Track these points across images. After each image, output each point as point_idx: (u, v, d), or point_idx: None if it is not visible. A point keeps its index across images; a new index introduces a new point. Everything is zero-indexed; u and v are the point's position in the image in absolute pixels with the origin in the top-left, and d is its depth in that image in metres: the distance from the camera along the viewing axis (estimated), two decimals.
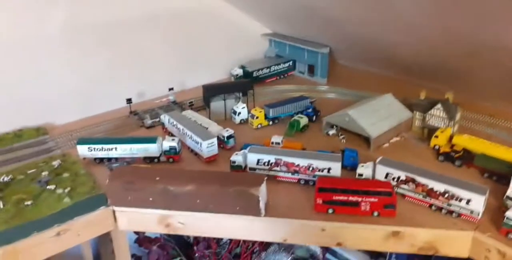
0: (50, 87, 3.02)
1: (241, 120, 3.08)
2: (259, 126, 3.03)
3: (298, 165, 2.31)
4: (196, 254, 3.29)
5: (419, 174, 2.13)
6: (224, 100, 3.13)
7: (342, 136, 2.84)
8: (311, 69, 3.77)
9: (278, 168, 2.34)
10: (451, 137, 2.68)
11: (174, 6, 3.37)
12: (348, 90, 3.50)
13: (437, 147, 2.66)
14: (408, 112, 2.97)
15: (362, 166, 2.29)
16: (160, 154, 2.54)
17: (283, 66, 3.85)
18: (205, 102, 3.18)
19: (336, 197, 2.06)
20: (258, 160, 2.36)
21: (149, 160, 2.54)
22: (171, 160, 2.55)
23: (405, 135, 2.91)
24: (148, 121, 3.02)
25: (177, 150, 2.52)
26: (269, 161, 2.35)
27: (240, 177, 2.20)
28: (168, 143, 2.53)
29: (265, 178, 2.12)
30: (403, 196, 2.19)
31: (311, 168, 2.29)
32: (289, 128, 2.94)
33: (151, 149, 2.50)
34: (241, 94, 3.19)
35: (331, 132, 2.91)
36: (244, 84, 3.31)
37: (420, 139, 2.85)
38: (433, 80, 3.16)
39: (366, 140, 2.71)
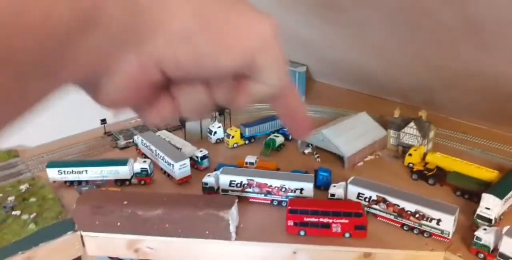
0: None
1: (217, 140, 3.07)
2: (235, 145, 3.02)
3: (270, 186, 2.29)
4: None
5: (390, 194, 2.12)
6: (200, 119, 3.10)
7: (316, 155, 2.83)
8: None
9: (250, 189, 2.32)
10: (425, 155, 2.68)
11: None
12: (325, 108, 3.52)
13: (411, 165, 2.66)
14: (383, 130, 2.98)
15: (334, 186, 2.28)
16: (132, 177, 2.50)
17: None
18: (181, 122, 3.16)
19: (307, 219, 2.04)
20: (231, 182, 2.33)
21: (120, 182, 2.50)
22: (142, 182, 2.51)
23: (380, 153, 2.91)
24: (122, 142, 2.98)
25: (149, 172, 2.49)
26: (241, 182, 2.32)
27: (210, 200, 2.17)
28: (139, 165, 2.49)
29: (236, 200, 2.09)
30: (375, 216, 2.17)
31: (283, 189, 2.27)
32: (265, 147, 2.93)
33: (122, 171, 2.46)
34: (217, 113, 3.18)
35: (307, 150, 2.91)
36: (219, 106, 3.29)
37: (395, 157, 2.86)
38: (408, 97, 3.20)
39: (341, 158, 2.71)
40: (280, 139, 3.12)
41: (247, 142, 3.21)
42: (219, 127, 3.19)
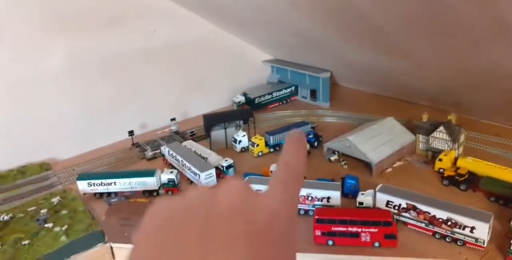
0: (53, 122, 3.06)
1: (242, 148, 3.07)
2: (260, 153, 3.01)
3: None
4: None
5: (421, 201, 2.06)
6: (225, 128, 3.12)
7: (343, 162, 2.79)
8: (314, 94, 3.76)
9: None
10: (455, 160, 2.60)
11: (174, 39, 3.41)
12: (350, 113, 3.47)
13: (441, 170, 2.59)
14: (411, 135, 2.92)
15: (362, 194, 2.24)
16: (159, 187, 2.53)
17: (285, 92, 3.84)
18: (206, 132, 3.18)
19: (335, 228, 2.00)
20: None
21: (148, 193, 2.53)
22: (170, 192, 2.53)
23: (409, 159, 2.84)
24: (149, 153, 3.02)
25: (176, 182, 2.51)
26: None
27: None
28: (166, 176, 2.52)
29: None
30: (406, 224, 2.12)
31: (310, 198, 2.25)
32: None
33: (149, 182, 2.49)
34: (241, 122, 3.18)
35: (333, 157, 2.87)
36: (244, 112, 3.31)
37: (425, 163, 2.78)
38: (437, 101, 3.12)
39: (368, 165, 2.66)
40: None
41: (272, 150, 3.20)
42: (244, 135, 3.19)
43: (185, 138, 3.17)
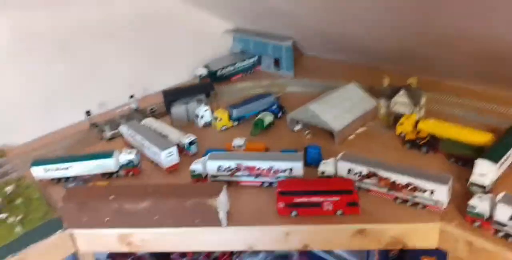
0: (4, 105, 2.88)
1: (204, 123, 2.98)
2: (224, 128, 2.94)
3: (259, 168, 2.22)
4: None
5: (381, 167, 2.05)
6: (186, 104, 3.02)
7: (307, 132, 2.75)
8: (277, 63, 3.66)
9: (240, 173, 2.25)
10: (416, 123, 2.59)
11: (130, 11, 3.21)
12: (313, 81, 3.41)
13: (403, 134, 2.58)
14: (373, 100, 2.89)
15: (324, 163, 2.20)
16: (119, 169, 2.43)
17: (247, 62, 3.74)
18: (167, 108, 3.07)
19: (298, 200, 1.97)
20: (219, 167, 2.26)
21: (108, 175, 2.44)
22: (130, 173, 2.45)
23: (371, 124, 2.82)
24: (108, 133, 2.91)
25: (135, 163, 2.42)
26: (229, 166, 2.25)
27: (198, 188, 2.11)
28: (125, 157, 2.43)
29: (225, 186, 2.03)
30: (368, 191, 2.11)
31: (273, 170, 2.21)
32: (254, 128, 2.85)
33: (108, 164, 2.40)
34: (204, 96, 3.08)
35: (296, 128, 2.83)
36: (206, 85, 3.20)
37: (387, 127, 2.77)
38: (398, 63, 3.08)
39: (332, 134, 2.63)
40: (268, 118, 3.03)
41: (235, 123, 3.13)
42: (206, 110, 3.10)
43: (145, 116, 3.06)
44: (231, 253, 3.38)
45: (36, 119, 3.03)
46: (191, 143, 2.67)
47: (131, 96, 3.28)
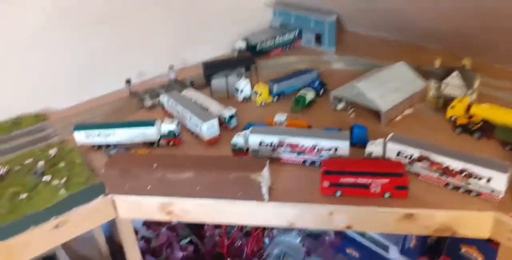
0: (47, 71, 2.89)
1: (244, 98, 2.90)
2: (263, 103, 2.85)
3: (303, 145, 2.14)
4: (207, 233, 3.20)
5: (434, 151, 1.94)
6: (226, 76, 2.93)
7: (351, 110, 2.64)
8: (318, 39, 3.51)
9: (281, 150, 2.18)
10: (469, 107, 2.44)
11: None
12: (357, 59, 3.26)
13: (453, 118, 2.45)
14: (422, 81, 2.74)
15: (372, 144, 2.11)
16: (160, 138, 2.40)
17: (288, 37, 3.60)
18: (206, 80, 3.00)
19: (344, 180, 1.89)
20: (261, 142, 2.19)
21: (149, 144, 2.40)
22: (171, 143, 2.41)
23: (419, 106, 2.69)
24: (148, 102, 2.87)
25: (176, 133, 2.38)
26: (272, 142, 2.18)
27: (241, 162, 2.05)
28: (166, 126, 2.38)
29: (268, 161, 1.96)
30: (417, 175, 2.00)
31: (316, 149, 2.12)
32: (295, 104, 2.75)
33: (149, 133, 2.36)
34: (243, 70, 2.99)
35: (339, 106, 2.72)
36: (246, 58, 3.10)
37: (436, 110, 2.63)
38: (450, 45, 2.90)
39: (377, 114, 2.51)
40: (310, 95, 2.92)
41: (275, 99, 3.03)
42: (246, 84, 3.01)
43: (184, 87, 2.99)
44: (264, 229, 3.35)
45: (76, 86, 3.02)
46: (231, 117, 2.60)
47: (170, 67, 3.21)
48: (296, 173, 2.22)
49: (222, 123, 2.58)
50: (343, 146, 2.15)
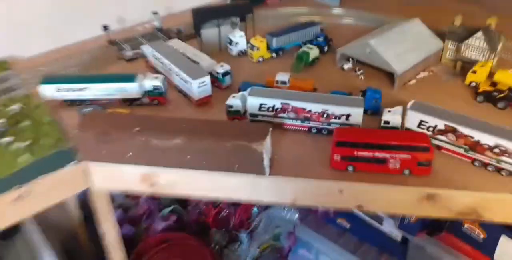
0: (12, 12, 2.46)
1: (239, 52, 2.51)
2: (261, 59, 2.47)
3: (310, 111, 1.80)
4: (191, 202, 2.92)
5: (463, 122, 1.63)
6: (218, 26, 2.52)
7: (360, 71, 2.29)
8: None
9: (285, 115, 1.84)
10: (491, 73, 2.12)
11: None
12: (365, 13, 2.87)
13: (474, 84, 2.12)
14: (439, 41, 2.40)
15: (389, 111, 1.78)
16: (142, 95, 2.01)
17: None
18: (196, 30, 2.58)
19: (359, 153, 1.57)
20: (261, 105, 1.84)
21: (129, 102, 2.02)
22: (155, 102, 2.04)
23: (434, 69, 2.36)
24: (129, 53, 2.45)
25: (162, 90, 2.00)
26: (274, 106, 1.83)
27: (239, 128, 1.71)
28: (150, 82, 2.00)
29: (270, 128, 1.62)
30: (439, 148, 1.70)
31: (325, 115, 1.79)
32: (297, 62, 2.38)
33: (130, 89, 1.97)
34: (238, 20, 2.57)
35: (347, 66, 2.36)
36: (242, 6, 2.66)
37: (453, 75, 2.31)
38: (471, 1, 2.53)
39: (388, 75, 2.17)
40: (314, 52, 2.55)
41: (274, 55, 2.65)
42: (241, 36, 2.60)
43: (170, 37, 2.56)
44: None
45: (45, 30, 2.57)
46: (225, 74, 2.22)
47: (155, 13, 2.76)
48: (300, 141, 1.90)
49: (214, 81, 2.20)
50: (356, 114, 1.82)
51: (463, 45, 2.40)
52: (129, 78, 2.07)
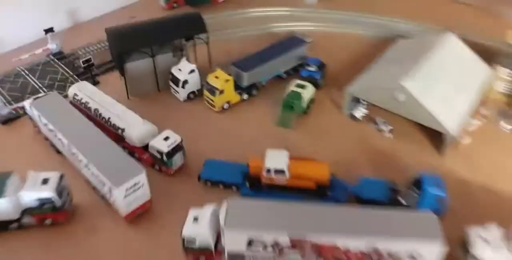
0: None
1: (189, 95, 1.49)
2: (226, 106, 1.49)
3: (346, 250, 0.86)
4: None
5: None
6: (152, 56, 1.47)
7: (386, 127, 1.41)
8: None
9: (294, 256, 0.90)
10: None
11: None
12: (355, 15, 1.96)
13: None
14: (486, 68, 1.55)
15: (485, 240, 0.90)
16: (22, 214, 0.96)
17: None
18: (117, 64, 1.53)
19: None
20: (250, 241, 0.88)
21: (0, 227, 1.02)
22: (48, 221, 0.99)
23: (486, 112, 1.55)
24: (3, 111, 1.38)
25: (58, 203, 1.01)
26: (275, 242, 0.87)
27: None
28: (35, 194, 0.98)
29: None
30: None
31: (377, 255, 0.85)
32: (285, 112, 1.46)
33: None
34: (184, 42, 1.54)
35: (359, 113, 1.48)
36: (188, 19, 1.61)
37: (506, 115, 1.50)
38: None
39: (426, 130, 1.30)
40: (308, 91, 1.69)
41: (246, 96, 1.69)
42: (193, 71, 1.60)
43: (75, 68, 1.52)
44: None
45: None
46: (172, 152, 1.27)
47: (48, 30, 1.70)
48: None
49: (155, 163, 1.19)
50: (429, 253, 0.93)
51: None
52: None
